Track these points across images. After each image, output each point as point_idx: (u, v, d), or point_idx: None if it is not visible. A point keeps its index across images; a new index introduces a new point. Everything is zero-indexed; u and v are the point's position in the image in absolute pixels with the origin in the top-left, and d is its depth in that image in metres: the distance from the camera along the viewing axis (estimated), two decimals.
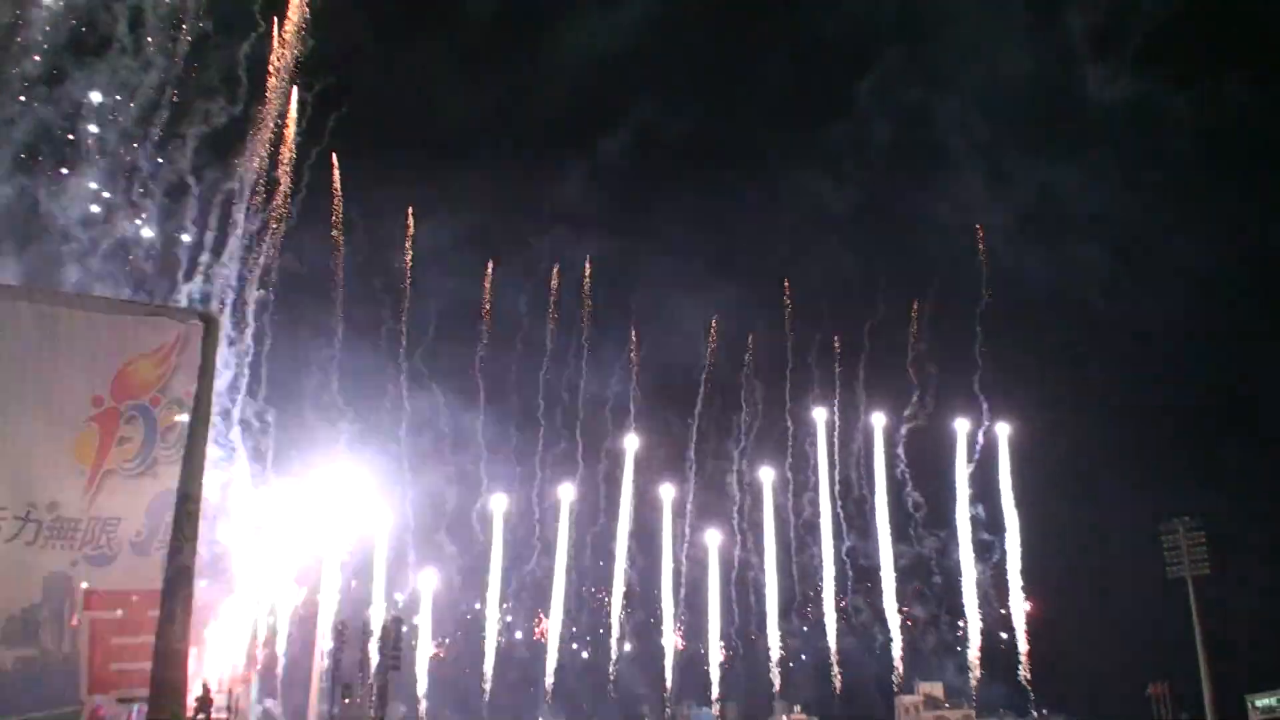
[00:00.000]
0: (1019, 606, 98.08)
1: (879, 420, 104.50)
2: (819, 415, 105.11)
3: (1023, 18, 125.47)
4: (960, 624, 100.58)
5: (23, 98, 56.71)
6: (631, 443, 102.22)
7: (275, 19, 73.04)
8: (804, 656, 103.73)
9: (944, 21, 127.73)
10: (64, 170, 60.76)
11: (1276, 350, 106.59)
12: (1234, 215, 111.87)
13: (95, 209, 63.09)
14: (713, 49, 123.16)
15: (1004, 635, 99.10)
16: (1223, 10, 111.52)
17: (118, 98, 61.85)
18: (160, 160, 64.43)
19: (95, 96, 60.25)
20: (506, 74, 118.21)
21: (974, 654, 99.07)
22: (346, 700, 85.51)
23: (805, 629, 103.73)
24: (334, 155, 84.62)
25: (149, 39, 61.97)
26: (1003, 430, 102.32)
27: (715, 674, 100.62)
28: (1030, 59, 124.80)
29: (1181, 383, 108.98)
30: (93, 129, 61.07)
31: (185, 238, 68.38)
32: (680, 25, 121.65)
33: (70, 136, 60.66)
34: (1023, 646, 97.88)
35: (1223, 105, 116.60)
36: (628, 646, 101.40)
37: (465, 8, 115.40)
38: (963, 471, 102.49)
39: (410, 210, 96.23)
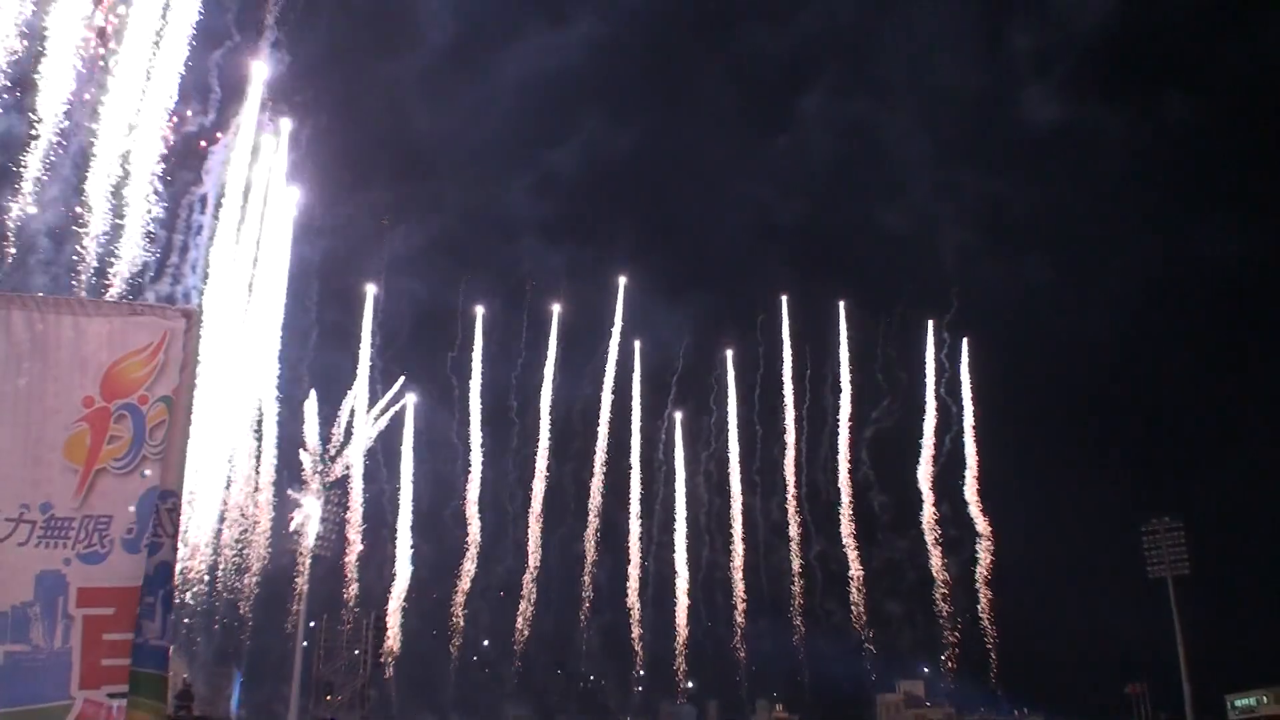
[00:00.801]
0: (996, 606, 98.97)
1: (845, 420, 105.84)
2: (789, 418, 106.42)
3: (962, 37, 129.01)
4: (935, 623, 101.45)
5: None
6: (601, 441, 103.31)
7: (251, 29, 74.37)
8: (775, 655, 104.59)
9: (885, 38, 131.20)
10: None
11: (1257, 353, 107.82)
12: (1180, 219, 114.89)
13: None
14: (656, 66, 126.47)
15: (982, 635, 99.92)
16: (1157, 31, 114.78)
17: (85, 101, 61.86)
18: (127, 166, 64.37)
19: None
20: (464, 92, 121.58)
21: (951, 653, 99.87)
22: (329, 698, 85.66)
23: (776, 628, 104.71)
24: (306, 160, 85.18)
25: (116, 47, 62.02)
26: (970, 425, 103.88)
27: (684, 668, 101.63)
28: (972, 76, 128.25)
29: (1162, 384, 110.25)
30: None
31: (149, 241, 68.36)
32: (625, 43, 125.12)
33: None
34: (1002, 646, 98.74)
35: (1157, 122, 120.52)
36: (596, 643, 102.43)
37: (424, 30, 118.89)
38: (925, 470, 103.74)
39: (385, 221, 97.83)
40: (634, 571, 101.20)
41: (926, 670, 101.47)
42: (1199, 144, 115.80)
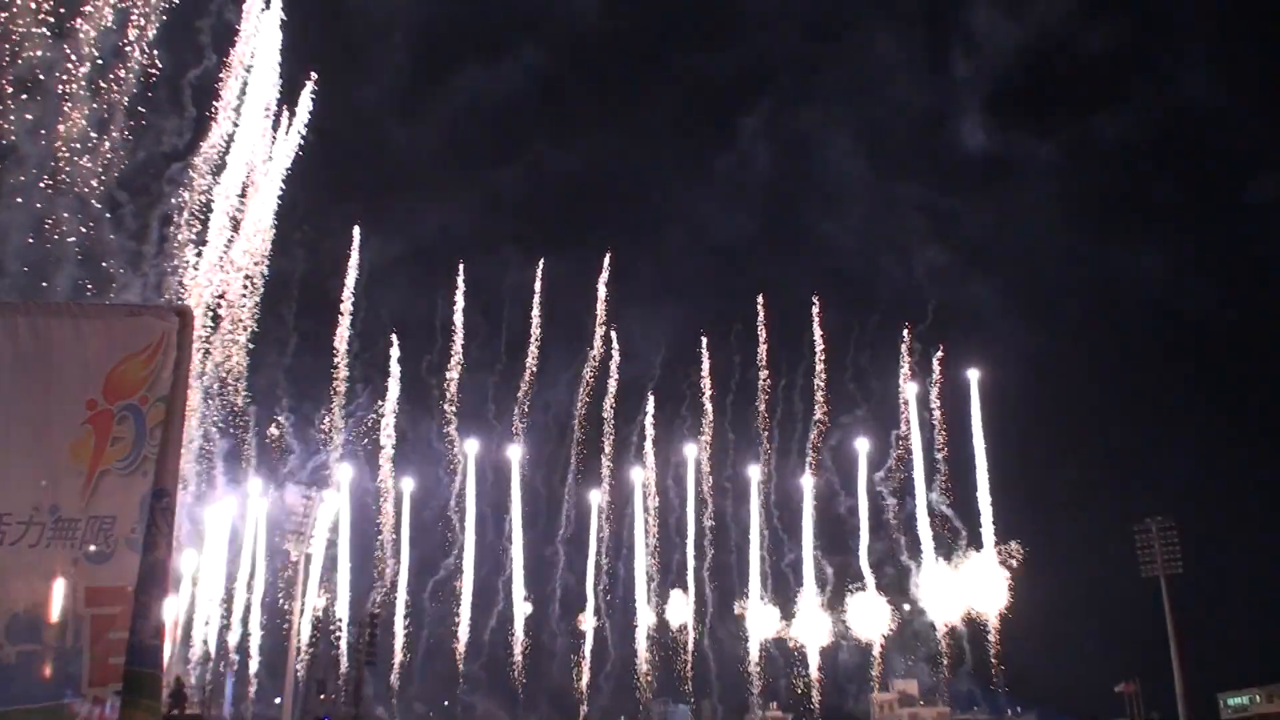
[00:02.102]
0: (990, 605, 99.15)
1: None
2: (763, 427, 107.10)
3: (901, 63, 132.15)
4: (929, 622, 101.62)
5: None
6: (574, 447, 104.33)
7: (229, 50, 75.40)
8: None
9: (825, 63, 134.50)
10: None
11: (1251, 354, 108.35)
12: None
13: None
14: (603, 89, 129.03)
15: (975, 634, 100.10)
16: (1087, 60, 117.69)
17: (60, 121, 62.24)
18: (95, 179, 64.67)
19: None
20: (423, 115, 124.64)
21: (944, 651, 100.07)
22: (322, 696, 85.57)
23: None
24: (286, 170, 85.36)
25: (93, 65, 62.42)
26: (940, 430, 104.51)
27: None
28: (909, 100, 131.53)
29: (1154, 383, 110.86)
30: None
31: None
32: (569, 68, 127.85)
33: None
34: (995, 644, 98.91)
35: (1088, 149, 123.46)
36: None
37: (381, 55, 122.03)
38: (896, 469, 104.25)
39: (356, 229, 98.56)
40: (602, 574, 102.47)
41: (910, 665, 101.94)
42: (1129, 164, 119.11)
